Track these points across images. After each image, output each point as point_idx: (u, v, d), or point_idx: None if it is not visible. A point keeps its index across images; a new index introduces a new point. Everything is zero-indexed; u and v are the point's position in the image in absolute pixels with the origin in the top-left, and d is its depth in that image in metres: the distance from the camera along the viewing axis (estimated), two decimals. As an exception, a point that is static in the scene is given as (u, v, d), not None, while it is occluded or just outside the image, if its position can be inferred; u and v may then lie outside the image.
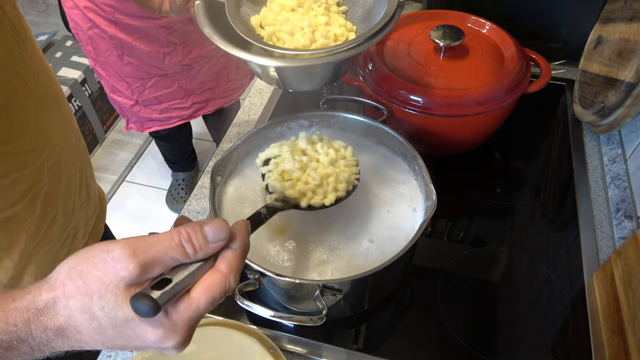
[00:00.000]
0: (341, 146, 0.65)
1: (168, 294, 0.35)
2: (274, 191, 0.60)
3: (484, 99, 0.76)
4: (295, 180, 0.60)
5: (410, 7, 1.26)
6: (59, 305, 0.35)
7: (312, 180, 0.60)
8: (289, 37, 0.60)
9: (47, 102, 0.60)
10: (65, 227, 0.65)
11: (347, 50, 0.56)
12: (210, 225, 0.38)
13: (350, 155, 0.65)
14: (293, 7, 0.63)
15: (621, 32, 0.83)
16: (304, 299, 0.62)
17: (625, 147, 0.85)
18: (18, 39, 0.55)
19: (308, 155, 0.63)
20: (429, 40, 0.81)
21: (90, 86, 2.07)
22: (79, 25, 1.14)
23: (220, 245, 0.38)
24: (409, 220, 0.67)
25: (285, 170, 0.61)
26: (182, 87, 1.26)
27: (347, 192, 0.62)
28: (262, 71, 0.61)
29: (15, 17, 0.55)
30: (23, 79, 0.55)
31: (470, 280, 0.72)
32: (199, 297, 0.37)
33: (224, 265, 0.38)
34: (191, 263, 0.37)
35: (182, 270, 0.36)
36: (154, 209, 1.94)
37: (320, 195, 0.60)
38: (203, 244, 0.37)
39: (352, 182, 0.63)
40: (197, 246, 0.37)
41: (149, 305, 0.33)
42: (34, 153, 0.57)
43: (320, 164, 0.62)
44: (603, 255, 0.73)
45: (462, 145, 0.87)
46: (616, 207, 0.77)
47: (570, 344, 0.64)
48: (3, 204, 0.54)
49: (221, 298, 0.38)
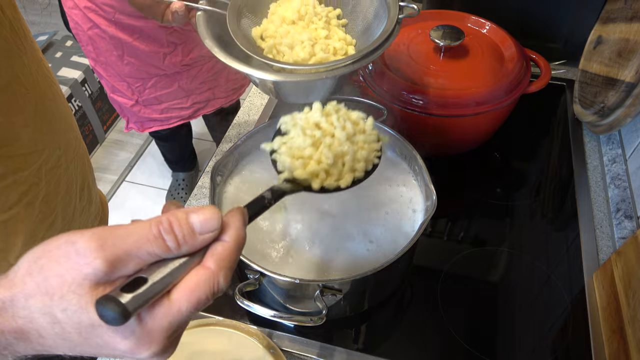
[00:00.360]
0: (360, 118, 0.56)
1: (141, 298, 0.29)
2: (283, 169, 0.52)
3: (484, 99, 0.76)
4: (307, 158, 0.52)
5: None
6: (17, 306, 0.30)
7: (325, 159, 0.52)
8: (289, 50, 0.60)
9: (46, 105, 0.59)
10: (65, 231, 0.64)
11: (345, 66, 0.56)
12: (198, 214, 0.32)
13: (371, 129, 0.56)
14: (294, 20, 0.62)
15: (621, 32, 0.83)
16: (304, 299, 0.62)
17: (625, 147, 0.85)
18: (17, 41, 0.55)
19: (322, 128, 0.54)
20: (429, 40, 0.81)
21: (90, 86, 2.07)
22: (79, 26, 1.14)
23: (209, 237, 0.32)
24: (408, 221, 0.67)
25: (295, 147, 0.52)
26: (182, 87, 1.26)
27: (365, 173, 0.54)
28: (260, 83, 0.61)
29: (15, 19, 0.55)
30: (22, 81, 0.55)
31: (470, 280, 0.72)
32: (180, 299, 0.31)
33: (213, 262, 0.32)
34: (174, 259, 0.31)
35: (162, 267, 0.31)
36: (154, 209, 1.94)
37: (335, 176, 0.52)
38: (188, 236, 0.31)
39: (372, 161, 0.55)
40: (181, 238, 0.31)
41: (115, 311, 0.28)
42: (32, 156, 0.56)
43: (335, 140, 0.53)
44: (603, 255, 0.73)
45: (462, 145, 0.87)
46: (616, 207, 0.77)
47: (570, 344, 0.64)
48: (0, 207, 0.54)
49: (208, 300, 0.32)
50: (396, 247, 0.59)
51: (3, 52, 0.52)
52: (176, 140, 1.74)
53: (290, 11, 0.62)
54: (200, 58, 1.22)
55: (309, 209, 0.68)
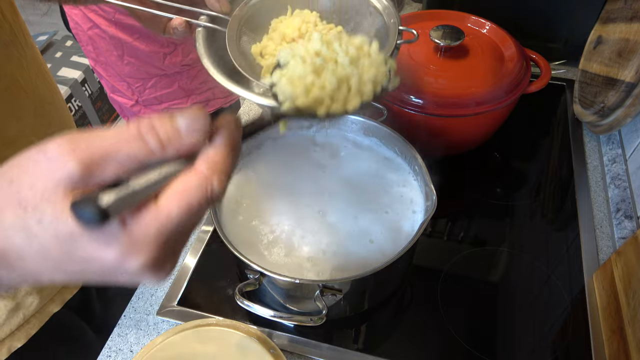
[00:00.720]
0: (364, 42, 0.52)
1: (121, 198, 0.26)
2: (285, 99, 0.48)
3: (484, 99, 0.76)
4: (310, 85, 0.48)
5: (410, 7, 1.26)
6: None
7: (328, 84, 0.48)
8: None
9: (45, 108, 0.59)
10: None
11: None
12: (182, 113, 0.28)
13: (376, 53, 0.52)
14: (294, 38, 0.62)
15: (621, 32, 0.83)
16: (304, 299, 0.62)
17: (625, 147, 0.85)
18: (17, 45, 0.55)
19: (323, 56, 0.50)
20: (429, 40, 0.81)
21: (90, 86, 2.07)
22: (79, 26, 1.14)
23: (196, 138, 0.28)
24: (408, 221, 0.67)
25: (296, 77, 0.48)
26: (182, 87, 1.27)
27: (374, 95, 0.50)
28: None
29: (15, 23, 0.55)
30: (21, 85, 0.54)
31: (470, 280, 0.72)
32: (169, 204, 0.27)
33: (205, 165, 0.28)
34: (158, 164, 0.28)
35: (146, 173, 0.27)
36: (154, 209, 1.93)
37: (341, 102, 0.49)
38: (173, 135, 0.27)
39: (381, 83, 0.50)
40: (165, 139, 0.27)
41: (92, 210, 0.25)
42: None
43: (339, 65, 0.50)
44: (603, 255, 0.73)
45: (462, 145, 0.87)
46: (616, 207, 0.77)
47: (570, 344, 0.64)
48: None
49: (201, 207, 0.28)
50: (396, 247, 0.59)
51: (3, 56, 0.52)
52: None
53: (290, 28, 0.61)
54: (200, 58, 1.22)
55: (309, 208, 0.68)
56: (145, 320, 0.68)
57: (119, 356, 0.64)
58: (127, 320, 0.68)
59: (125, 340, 0.66)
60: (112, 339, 0.66)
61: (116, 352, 0.65)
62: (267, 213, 0.68)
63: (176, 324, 0.67)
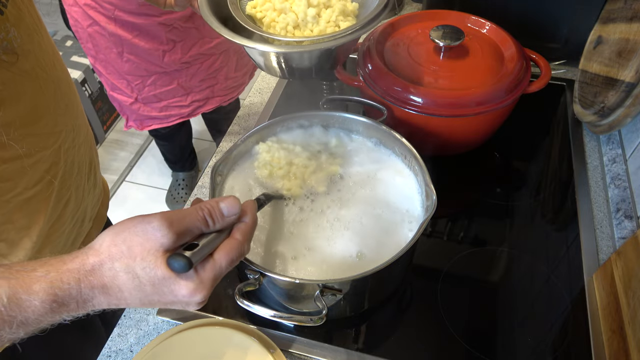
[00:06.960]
0: None
1: (197, 254, 0.42)
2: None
3: (484, 99, 0.76)
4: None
5: (410, 7, 1.26)
6: (104, 267, 0.41)
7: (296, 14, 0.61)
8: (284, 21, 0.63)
9: (62, 89, 0.63)
10: (76, 210, 0.69)
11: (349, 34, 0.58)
12: (225, 202, 0.47)
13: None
14: None
15: (621, 32, 0.83)
16: (304, 299, 0.62)
17: (625, 147, 0.85)
18: (35, 27, 0.58)
19: None
20: (429, 40, 0.81)
21: (90, 86, 2.07)
22: (79, 23, 1.14)
23: (233, 219, 0.47)
24: (408, 221, 0.67)
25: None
26: (182, 85, 1.26)
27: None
28: (263, 59, 0.63)
29: (31, 7, 0.59)
30: (42, 65, 0.59)
31: (470, 280, 0.72)
32: (220, 259, 0.45)
33: (239, 234, 0.47)
34: (210, 233, 0.45)
35: (204, 238, 0.44)
36: (154, 208, 1.93)
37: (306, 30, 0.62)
38: (220, 217, 0.46)
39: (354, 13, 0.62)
40: (216, 219, 0.45)
41: (184, 262, 0.41)
42: (53, 136, 0.61)
43: None
44: (603, 255, 0.73)
45: (462, 145, 0.87)
46: (616, 207, 0.77)
47: (570, 344, 0.64)
48: (26, 184, 0.58)
49: (237, 261, 0.46)
50: (396, 247, 0.59)
51: (26, 36, 0.56)
52: (176, 139, 1.74)
53: None
54: (199, 56, 1.22)
55: (309, 208, 0.68)
56: (145, 320, 0.68)
57: (119, 356, 0.64)
58: (127, 320, 0.68)
59: (125, 340, 0.66)
60: (112, 339, 0.66)
61: (116, 352, 0.65)
62: (266, 216, 0.68)
63: (176, 324, 0.67)
